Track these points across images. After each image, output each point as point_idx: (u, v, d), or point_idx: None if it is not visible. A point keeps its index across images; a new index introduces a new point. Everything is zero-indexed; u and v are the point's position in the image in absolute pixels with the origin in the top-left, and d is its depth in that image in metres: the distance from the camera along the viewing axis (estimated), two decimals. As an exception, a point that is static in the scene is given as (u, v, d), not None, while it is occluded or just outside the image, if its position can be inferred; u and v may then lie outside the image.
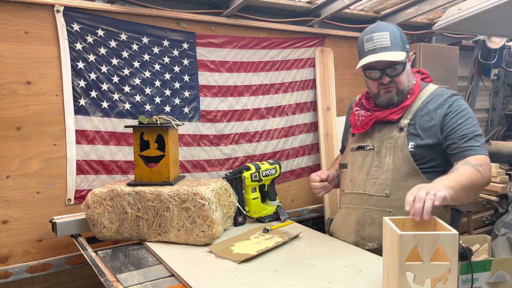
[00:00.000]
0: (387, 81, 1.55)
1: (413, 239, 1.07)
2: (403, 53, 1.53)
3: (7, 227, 2.03)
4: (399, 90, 1.57)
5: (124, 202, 1.75)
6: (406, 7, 3.09)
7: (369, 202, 1.59)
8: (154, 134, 1.83)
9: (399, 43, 1.52)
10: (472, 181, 1.36)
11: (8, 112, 2.00)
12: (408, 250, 1.07)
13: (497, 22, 2.77)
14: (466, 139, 1.47)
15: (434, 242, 1.07)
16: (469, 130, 1.48)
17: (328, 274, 1.37)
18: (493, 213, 3.39)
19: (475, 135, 1.48)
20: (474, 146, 1.46)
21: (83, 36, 2.17)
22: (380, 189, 1.56)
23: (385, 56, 1.51)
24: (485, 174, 1.40)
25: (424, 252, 1.07)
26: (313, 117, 3.08)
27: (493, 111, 4.65)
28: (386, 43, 1.51)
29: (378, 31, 1.53)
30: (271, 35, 2.82)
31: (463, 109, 1.53)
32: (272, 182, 2.10)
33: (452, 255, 1.07)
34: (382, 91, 1.59)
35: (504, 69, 4.34)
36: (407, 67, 1.57)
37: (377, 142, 1.61)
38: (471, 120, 1.51)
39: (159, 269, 1.55)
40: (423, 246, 1.07)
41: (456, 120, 1.50)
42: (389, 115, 1.58)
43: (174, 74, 2.46)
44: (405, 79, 1.57)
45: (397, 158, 1.54)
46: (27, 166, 2.06)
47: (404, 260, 1.07)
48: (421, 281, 1.09)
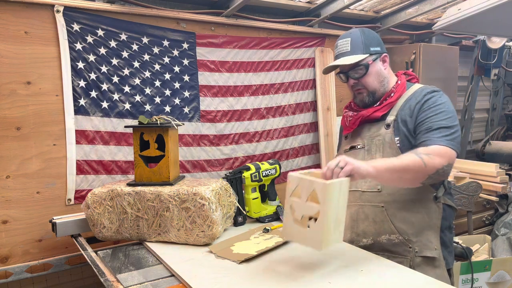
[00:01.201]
0: (352, 83, 1.63)
1: (296, 180, 1.32)
2: (363, 56, 1.58)
3: (7, 227, 2.03)
4: (370, 92, 1.62)
5: (124, 202, 1.75)
6: (406, 7, 3.10)
7: (362, 198, 1.62)
8: (154, 134, 1.83)
9: (359, 47, 1.59)
10: (407, 165, 1.37)
11: (8, 112, 2.00)
12: (293, 187, 1.33)
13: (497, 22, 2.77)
14: (429, 130, 1.48)
15: (310, 187, 1.28)
16: (435, 123, 1.48)
17: (328, 274, 1.37)
18: (493, 213, 3.39)
19: (439, 127, 1.47)
20: (433, 137, 1.46)
21: (83, 36, 2.17)
22: (372, 185, 1.59)
23: (342, 60, 1.59)
24: (430, 162, 1.39)
25: (303, 193, 1.31)
26: (313, 117, 3.08)
27: (493, 111, 4.65)
28: (346, 49, 1.60)
29: (342, 38, 1.65)
30: (271, 35, 2.82)
31: (438, 104, 1.53)
32: (272, 182, 2.10)
33: (323, 200, 1.25)
34: (355, 93, 1.66)
35: (504, 69, 4.34)
36: (375, 69, 1.61)
37: (367, 140, 1.64)
38: (443, 114, 1.50)
39: (159, 269, 1.55)
40: (303, 188, 1.31)
41: (427, 114, 1.51)
42: (373, 113, 1.62)
43: (174, 74, 2.46)
44: (372, 80, 1.61)
45: (386, 154, 1.57)
46: (27, 166, 2.06)
47: (290, 195, 1.35)
48: (298, 215, 1.33)
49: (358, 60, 1.57)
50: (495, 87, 4.53)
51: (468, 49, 4.07)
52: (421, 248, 1.54)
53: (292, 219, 1.34)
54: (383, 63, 1.64)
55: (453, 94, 3.45)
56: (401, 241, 1.55)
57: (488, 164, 3.34)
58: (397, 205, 1.55)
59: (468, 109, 4.09)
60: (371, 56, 1.60)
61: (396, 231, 1.55)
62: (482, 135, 4.60)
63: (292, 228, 1.34)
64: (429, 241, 1.55)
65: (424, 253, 1.54)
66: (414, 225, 1.54)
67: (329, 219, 1.26)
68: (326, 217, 1.25)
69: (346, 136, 1.77)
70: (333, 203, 1.27)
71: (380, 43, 1.65)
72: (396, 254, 1.56)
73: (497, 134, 4.56)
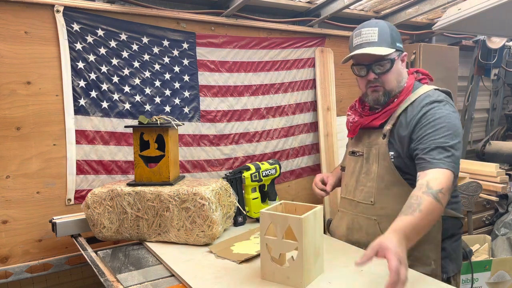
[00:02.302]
0: (372, 77, 1.50)
1: (269, 217, 1.28)
2: (390, 50, 1.46)
3: (7, 227, 2.03)
4: (386, 91, 1.51)
5: (124, 202, 1.75)
6: (406, 7, 3.10)
7: (357, 208, 1.59)
8: (154, 134, 1.83)
9: (387, 40, 1.47)
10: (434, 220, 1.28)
11: (8, 112, 2.00)
12: (266, 225, 1.28)
13: (497, 22, 2.77)
14: (428, 149, 1.36)
15: (285, 222, 1.24)
16: (435, 141, 1.36)
17: (328, 274, 1.37)
18: (493, 213, 3.39)
19: (439, 146, 1.35)
20: (434, 158, 1.34)
21: (83, 36, 2.17)
22: (367, 197, 1.55)
23: (370, 50, 1.45)
24: (445, 201, 1.29)
25: (278, 230, 1.26)
26: (313, 117, 3.08)
27: (493, 111, 4.65)
28: (374, 39, 1.46)
29: (367, 26, 1.50)
30: (271, 35, 2.82)
31: (437, 118, 1.40)
32: (272, 182, 2.10)
33: (299, 235, 1.22)
34: (370, 90, 1.53)
35: (504, 69, 4.34)
36: (397, 67, 1.50)
37: (366, 148, 1.58)
38: (443, 130, 1.38)
39: (159, 269, 1.55)
40: (276, 224, 1.26)
41: (426, 130, 1.40)
42: (371, 122, 1.55)
43: (174, 74, 2.46)
44: (393, 78, 1.50)
45: (381, 167, 1.51)
46: (27, 166, 2.06)
47: (264, 233, 1.29)
48: (276, 254, 1.28)
49: (388, 53, 1.45)
50: (495, 87, 4.53)
51: (468, 49, 4.07)
52: (413, 262, 1.44)
53: (269, 258, 1.30)
54: (402, 62, 1.54)
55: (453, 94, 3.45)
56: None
57: (488, 164, 3.34)
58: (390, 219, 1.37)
59: (468, 109, 4.09)
60: (396, 52, 1.49)
61: None
62: (482, 135, 4.60)
63: (271, 267, 1.30)
64: (425, 256, 1.48)
65: (416, 268, 1.43)
66: None
67: (308, 254, 1.24)
68: (305, 252, 1.22)
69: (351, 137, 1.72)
70: (310, 235, 1.24)
71: (401, 39, 1.54)
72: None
73: (497, 134, 4.56)
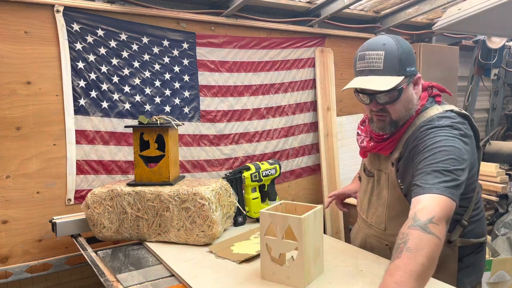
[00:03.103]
0: (376, 108, 1.34)
1: (269, 217, 1.27)
2: (398, 78, 1.27)
3: (7, 227, 2.03)
4: (393, 121, 1.35)
5: (124, 202, 1.75)
6: (406, 7, 3.10)
7: (370, 229, 1.55)
8: (154, 134, 1.83)
9: (395, 66, 1.26)
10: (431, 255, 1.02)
11: (8, 112, 2.00)
12: (266, 225, 1.28)
13: (497, 22, 2.77)
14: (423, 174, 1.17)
15: (285, 222, 1.24)
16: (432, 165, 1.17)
17: (328, 274, 1.37)
18: (493, 213, 3.39)
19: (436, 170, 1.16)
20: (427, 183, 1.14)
21: (83, 36, 2.17)
22: (378, 222, 1.50)
23: (371, 84, 1.26)
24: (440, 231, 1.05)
25: (277, 230, 1.26)
26: (313, 117, 3.08)
27: (493, 111, 4.65)
28: (378, 65, 1.27)
29: (372, 49, 1.29)
30: (271, 35, 2.82)
31: (438, 141, 1.22)
32: (272, 182, 2.09)
33: (299, 235, 1.22)
34: (375, 118, 1.38)
35: (504, 69, 4.34)
36: (407, 94, 1.32)
37: (376, 171, 1.50)
38: (443, 154, 1.18)
39: (159, 269, 1.55)
40: (276, 224, 1.26)
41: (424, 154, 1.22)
42: (379, 150, 1.43)
43: (174, 74, 2.46)
44: (401, 107, 1.32)
45: (391, 195, 1.42)
46: (27, 166, 2.06)
47: (264, 233, 1.29)
48: (276, 254, 1.28)
49: (394, 85, 1.25)
50: (495, 87, 4.53)
51: (468, 49, 4.07)
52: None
53: (269, 258, 1.30)
54: (414, 85, 1.34)
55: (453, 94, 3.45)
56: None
57: (488, 164, 3.34)
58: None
59: (468, 109, 4.09)
60: (405, 79, 1.29)
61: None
62: (482, 135, 4.60)
63: (271, 267, 1.30)
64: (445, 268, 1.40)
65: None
66: None
67: (308, 254, 1.24)
68: (305, 252, 1.22)
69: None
70: (310, 235, 1.24)
71: (414, 60, 1.33)
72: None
73: (497, 134, 4.56)
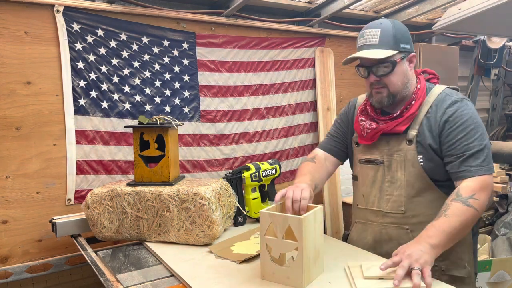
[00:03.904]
0: (373, 80, 1.46)
1: (269, 217, 1.28)
2: (391, 52, 1.41)
3: (7, 227, 2.03)
4: (390, 93, 1.46)
5: (124, 202, 1.75)
6: (406, 7, 3.10)
7: (385, 219, 1.52)
8: (154, 134, 1.83)
9: (389, 41, 1.42)
10: (465, 222, 1.28)
11: (8, 112, 2.00)
12: (266, 226, 1.28)
13: (497, 22, 2.77)
14: (464, 157, 1.36)
15: (284, 223, 1.25)
16: (468, 146, 1.37)
17: (328, 274, 1.37)
18: (493, 213, 3.39)
19: (474, 152, 1.36)
20: (471, 166, 1.35)
21: (83, 36, 2.17)
22: (395, 206, 1.49)
23: (367, 53, 1.42)
24: (478, 204, 1.30)
25: (278, 230, 1.26)
26: (313, 117, 3.08)
27: (493, 111, 4.65)
28: (374, 40, 1.42)
29: (370, 27, 1.46)
30: (271, 35, 2.82)
31: (465, 120, 1.40)
32: (272, 182, 2.09)
33: (299, 235, 1.22)
34: (374, 91, 1.49)
35: (504, 69, 4.34)
36: (401, 68, 1.45)
37: (386, 155, 1.51)
38: (473, 132, 1.38)
39: (159, 269, 1.55)
40: (276, 225, 1.26)
41: (456, 134, 1.39)
42: (395, 127, 1.48)
43: (174, 74, 2.46)
44: (397, 80, 1.45)
45: (409, 174, 1.47)
46: (27, 166, 2.06)
47: (264, 234, 1.29)
48: (276, 254, 1.29)
49: (386, 56, 1.40)
50: (495, 87, 4.53)
51: (468, 49, 4.07)
52: (448, 266, 1.43)
53: (269, 258, 1.30)
54: (409, 63, 1.48)
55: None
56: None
57: (488, 164, 3.34)
58: (422, 226, 1.36)
59: (468, 109, 4.09)
60: (399, 54, 1.44)
61: None
62: (482, 135, 4.59)
63: (271, 267, 1.30)
64: (459, 259, 1.46)
65: (452, 272, 1.43)
66: None
67: (308, 254, 1.25)
68: (305, 252, 1.23)
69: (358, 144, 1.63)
70: (310, 235, 1.24)
71: (410, 40, 1.48)
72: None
73: (497, 134, 4.56)
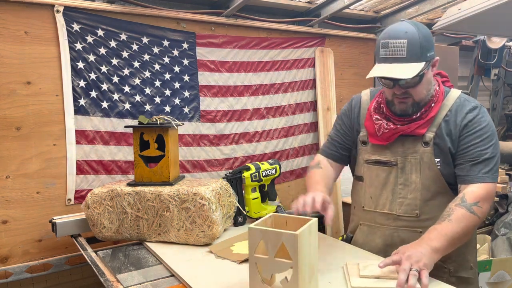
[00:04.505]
0: (400, 92, 1.41)
1: (260, 233, 1.13)
2: (420, 64, 1.34)
3: (7, 227, 2.03)
4: (415, 102, 1.43)
5: (124, 202, 1.75)
6: (406, 7, 3.10)
7: (397, 222, 1.49)
8: (154, 134, 1.83)
9: (417, 53, 1.34)
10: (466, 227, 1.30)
11: (8, 112, 2.00)
12: (256, 243, 1.14)
13: (497, 22, 2.77)
14: (475, 162, 1.38)
15: (277, 239, 1.11)
16: (480, 152, 1.38)
17: (328, 274, 1.37)
18: (493, 213, 3.39)
19: (486, 159, 1.37)
20: (480, 172, 1.37)
21: (83, 36, 2.17)
22: (409, 210, 1.47)
23: (396, 70, 1.34)
24: (480, 211, 1.32)
25: (269, 247, 1.12)
26: (313, 117, 3.08)
27: (493, 111, 4.65)
28: (401, 53, 1.34)
29: (395, 37, 1.35)
30: (271, 35, 2.82)
31: (484, 126, 1.40)
32: (272, 182, 2.09)
33: (294, 253, 1.09)
34: (396, 101, 1.44)
35: (504, 69, 4.34)
36: (427, 77, 1.41)
37: (400, 157, 1.47)
38: (489, 140, 1.39)
39: (159, 269, 1.55)
40: (268, 242, 1.12)
41: (472, 140, 1.40)
42: (415, 129, 1.44)
43: (174, 74, 2.46)
44: (423, 89, 1.41)
45: (425, 177, 1.44)
46: (27, 166, 2.06)
47: (253, 252, 1.14)
48: (267, 274, 1.16)
49: (417, 71, 1.33)
50: (495, 87, 4.53)
51: (468, 49, 4.07)
52: (456, 268, 1.45)
53: (259, 279, 1.15)
54: (433, 67, 1.44)
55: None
56: (439, 265, 1.37)
57: (488, 164, 3.34)
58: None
59: (468, 109, 4.09)
60: (426, 64, 1.36)
61: None
62: (482, 135, 4.59)
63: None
64: (465, 260, 1.47)
65: (459, 273, 1.45)
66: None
67: (303, 273, 1.12)
68: (300, 272, 1.10)
69: (365, 143, 1.57)
70: (306, 252, 1.13)
71: (433, 44, 1.41)
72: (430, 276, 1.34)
73: (497, 134, 4.56)
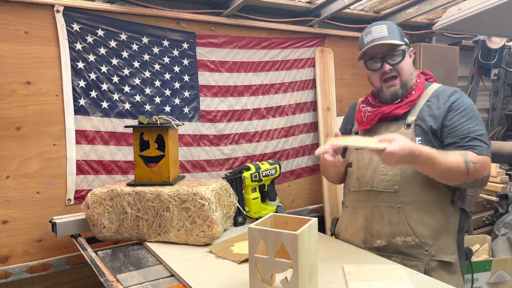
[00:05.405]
0: (387, 68, 1.56)
1: (260, 233, 1.16)
2: (401, 42, 1.56)
3: (7, 227, 2.03)
4: (403, 82, 1.58)
5: (124, 202, 1.75)
6: (406, 7, 3.09)
7: (378, 198, 1.57)
8: (154, 134, 1.83)
9: (396, 34, 1.57)
10: (450, 167, 1.39)
11: (8, 112, 2.00)
12: (256, 243, 1.16)
13: (497, 22, 2.77)
14: (469, 138, 1.47)
15: (277, 239, 1.13)
16: (471, 129, 1.48)
17: (328, 274, 1.37)
18: (493, 213, 3.39)
19: (478, 135, 1.47)
20: (477, 146, 1.45)
21: (83, 36, 2.17)
22: (389, 185, 1.55)
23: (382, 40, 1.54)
24: (473, 171, 1.40)
25: (269, 247, 1.14)
26: (313, 117, 3.07)
27: (493, 111, 4.65)
28: (384, 33, 1.55)
29: (376, 25, 1.60)
30: (271, 35, 2.82)
31: (466, 107, 1.52)
32: (272, 182, 2.10)
33: (294, 253, 1.10)
34: (385, 86, 1.60)
35: (504, 69, 4.34)
36: (408, 59, 1.60)
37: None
38: (474, 119, 1.50)
39: (159, 269, 1.55)
40: (268, 242, 1.14)
41: (459, 118, 1.50)
42: (394, 110, 1.57)
43: (174, 74, 2.46)
44: (407, 69, 1.58)
45: None
46: (27, 166, 2.06)
47: (253, 252, 1.17)
48: (267, 274, 1.18)
49: (400, 43, 1.55)
50: (495, 87, 4.53)
51: (468, 49, 4.06)
52: (437, 252, 1.50)
53: (259, 279, 1.18)
54: (409, 57, 1.63)
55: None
56: (417, 244, 1.50)
57: (488, 164, 3.33)
58: (414, 206, 1.51)
59: (468, 109, 4.08)
60: (405, 46, 1.59)
61: (412, 233, 1.50)
62: (482, 135, 4.59)
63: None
64: (446, 246, 1.52)
65: (441, 257, 1.50)
66: (432, 228, 1.50)
67: (303, 273, 1.13)
68: (300, 272, 1.12)
69: (357, 132, 1.71)
70: (306, 252, 1.14)
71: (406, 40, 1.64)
72: (411, 257, 1.51)
73: (497, 134, 4.56)
